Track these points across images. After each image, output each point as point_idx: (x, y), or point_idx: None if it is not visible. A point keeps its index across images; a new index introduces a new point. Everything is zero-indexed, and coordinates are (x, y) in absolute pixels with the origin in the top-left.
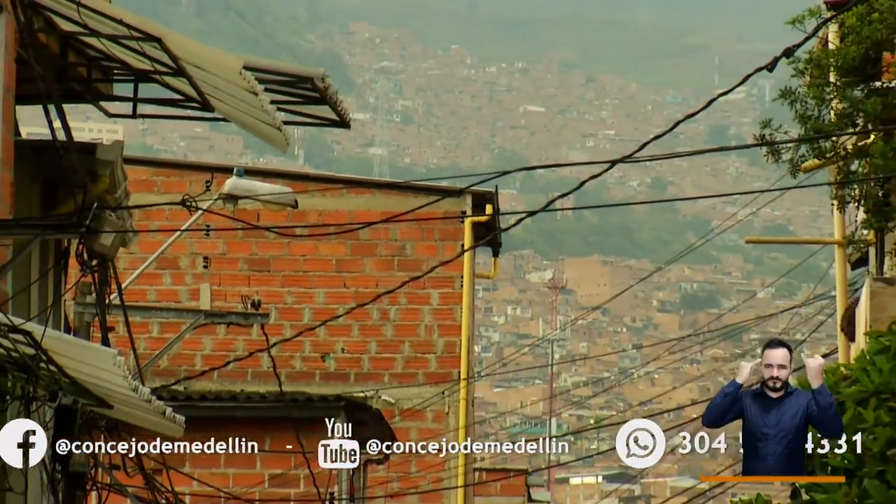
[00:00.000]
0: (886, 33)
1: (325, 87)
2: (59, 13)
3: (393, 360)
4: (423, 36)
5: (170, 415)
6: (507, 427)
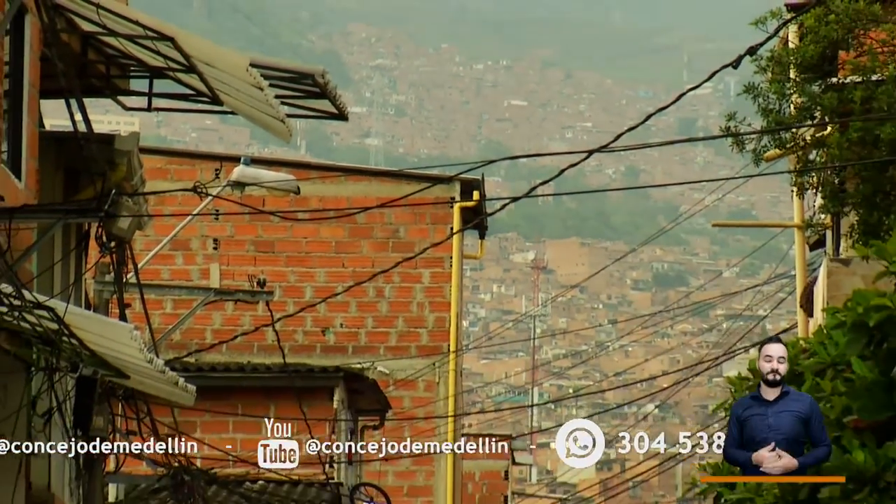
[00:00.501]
0: (842, 33)
1: (324, 82)
2: (80, 14)
3: (387, 334)
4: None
5: (182, 384)
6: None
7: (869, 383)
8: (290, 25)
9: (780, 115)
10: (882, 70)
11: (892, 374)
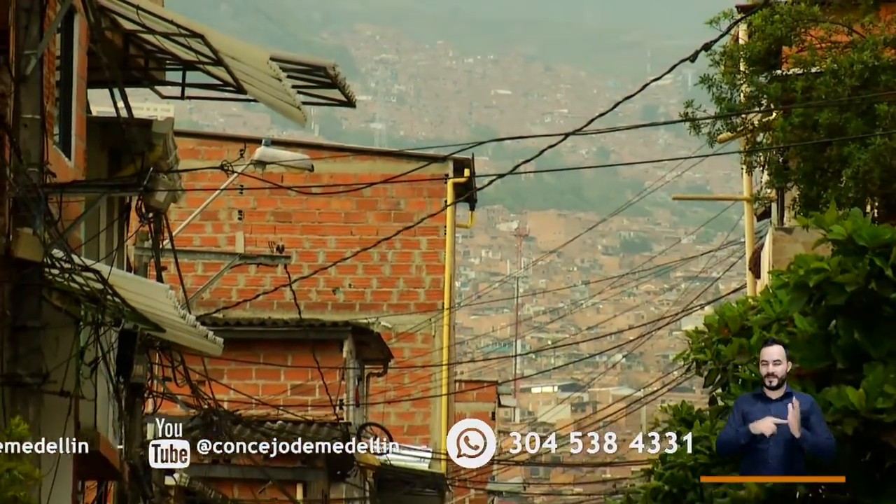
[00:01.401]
0: (785, 31)
1: (335, 74)
2: (122, 15)
3: (390, 293)
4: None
5: (211, 337)
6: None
7: (809, 336)
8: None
9: (731, 102)
10: (820, 63)
11: (829, 328)
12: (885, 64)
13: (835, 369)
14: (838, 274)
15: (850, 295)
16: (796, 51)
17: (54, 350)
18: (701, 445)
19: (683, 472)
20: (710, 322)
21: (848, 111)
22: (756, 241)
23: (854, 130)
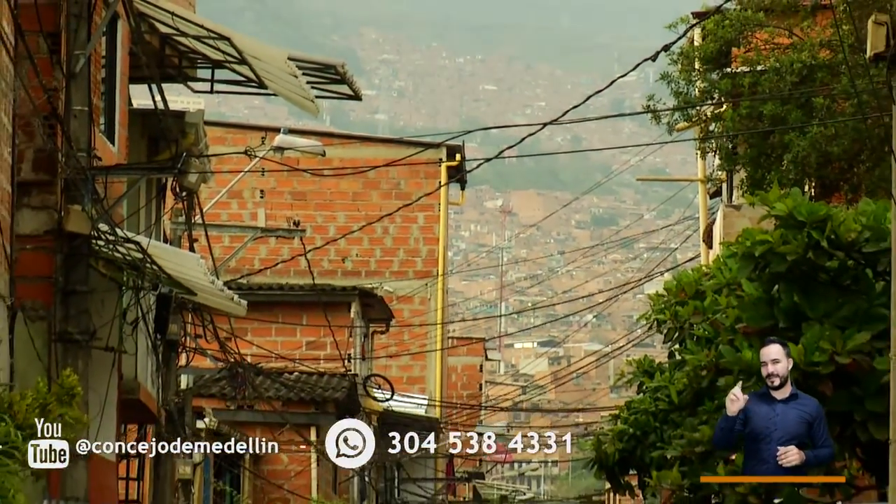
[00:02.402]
0: (734, 34)
1: (344, 72)
2: (159, 20)
3: (391, 261)
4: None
5: (236, 300)
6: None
7: (755, 299)
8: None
9: (687, 96)
10: (765, 62)
11: (772, 292)
12: (821, 63)
13: (777, 328)
14: (780, 245)
15: (791, 263)
16: (744, 51)
17: (100, 311)
18: (661, 394)
19: (645, 416)
20: (668, 287)
21: (789, 104)
22: (709, 216)
23: (794, 121)
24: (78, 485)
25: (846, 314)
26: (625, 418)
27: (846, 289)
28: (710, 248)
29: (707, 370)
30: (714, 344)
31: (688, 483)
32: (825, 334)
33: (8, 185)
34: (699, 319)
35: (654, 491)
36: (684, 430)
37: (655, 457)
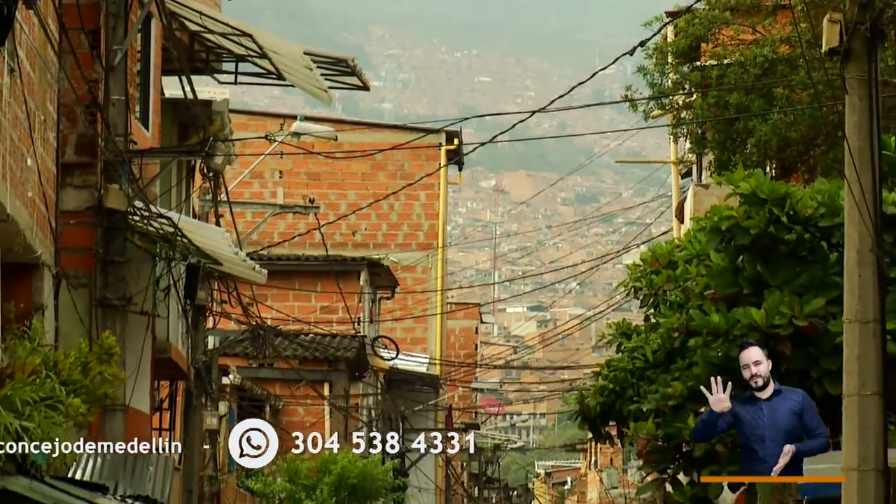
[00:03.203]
0: (703, 31)
1: (354, 65)
2: (188, 18)
3: (396, 235)
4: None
5: (257, 269)
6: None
7: (721, 268)
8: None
9: (661, 87)
10: (730, 56)
11: (737, 262)
12: (781, 57)
13: (741, 294)
14: (744, 220)
15: (754, 236)
16: (712, 47)
17: (136, 279)
18: (637, 353)
19: (624, 374)
20: (644, 258)
21: (752, 94)
22: (680, 194)
23: (757, 109)
24: (116, 435)
25: (803, 282)
26: (605, 375)
27: (803, 259)
28: (681, 222)
29: (679, 332)
30: (685, 308)
31: (661, 433)
32: (785, 300)
33: (53, 166)
34: (671, 287)
35: (632, 440)
36: (658, 385)
37: (632, 409)
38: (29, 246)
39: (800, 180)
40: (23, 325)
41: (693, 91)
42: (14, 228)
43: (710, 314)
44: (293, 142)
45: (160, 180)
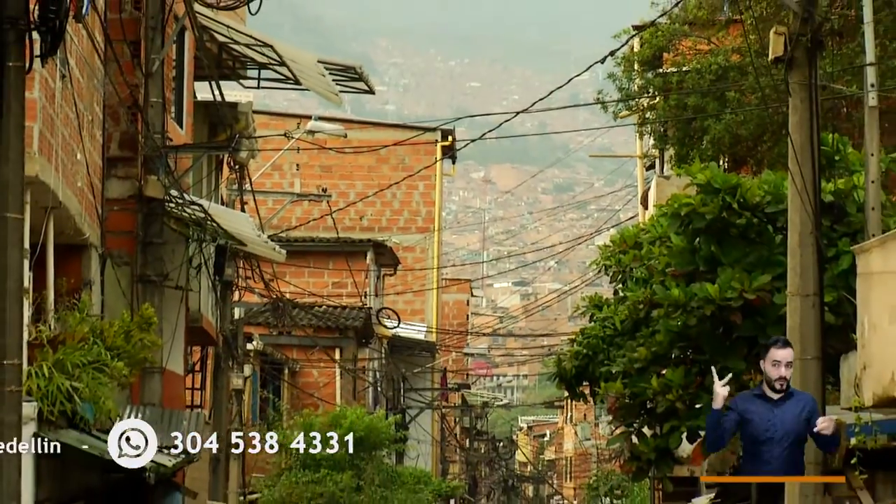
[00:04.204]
0: (665, 42)
1: (361, 72)
2: (217, 31)
3: (398, 219)
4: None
5: (277, 249)
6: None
7: (680, 249)
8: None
9: (628, 91)
10: (689, 64)
11: (694, 243)
12: (733, 65)
13: (698, 271)
14: (700, 207)
15: (709, 221)
16: (672, 56)
17: (171, 258)
18: (607, 323)
19: (596, 340)
20: (613, 240)
21: (707, 97)
22: (645, 185)
23: (711, 110)
24: (154, 394)
25: (752, 260)
26: (579, 342)
27: (752, 241)
28: (645, 209)
29: (643, 304)
30: (649, 284)
31: (628, 392)
32: (736, 276)
33: (99, 159)
34: (637, 265)
35: (602, 398)
36: (626, 350)
37: (603, 371)
38: (78, 229)
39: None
40: (73, 299)
41: (656, 94)
42: (65, 214)
43: (671, 289)
44: (308, 138)
45: (192, 172)
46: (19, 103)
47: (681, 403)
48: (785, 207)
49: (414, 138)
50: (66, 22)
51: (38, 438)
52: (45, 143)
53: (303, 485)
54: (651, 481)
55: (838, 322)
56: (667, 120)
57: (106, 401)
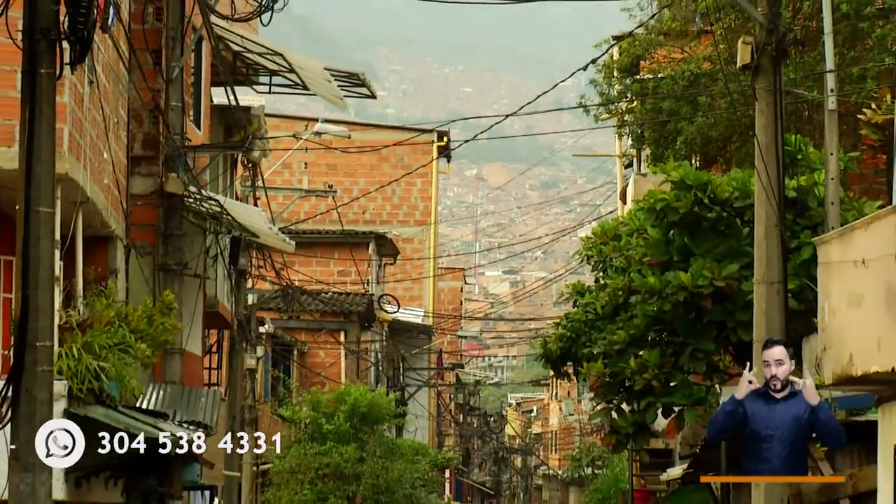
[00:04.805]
0: (642, 51)
1: (364, 78)
2: (232, 41)
3: (398, 213)
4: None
5: (287, 241)
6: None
7: (656, 240)
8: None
9: (608, 95)
10: (664, 71)
11: (668, 235)
12: (704, 72)
13: (672, 261)
14: (674, 202)
15: (682, 214)
16: (649, 64)
17: (190, 249)
18: (589, 308)
19: (578, 324)
20: (595, 232)
21: (681, 101)
22: (623, 181)
23: (684, 113)
24: (174, 373)
25: (721, 251)
26: (564, 325)
27: (721, 233)
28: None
29: (622, 291)
30: (627, 272)
31: (608, 371)
32: (706, 265)
33: (124, 158)
34: (616, 255)
35: (585, 377)
36: (606, 333)
37: (585, 352)
38: (105, 222)
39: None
40: (100, 286)
41: (634, 99)
42: (93, 208)
43: (647, 277)
44: (315, 139)
45: (209, 170)
46: (50, 107)
47: (656, 382)
48: (752, 202)
49: (412, 139)
50: (93, 32)
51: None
52: (75, 143)
53: (310, 456)
54: (629, 453)
55: (801, 307)
56: (643, 122)
57: (130, 379)
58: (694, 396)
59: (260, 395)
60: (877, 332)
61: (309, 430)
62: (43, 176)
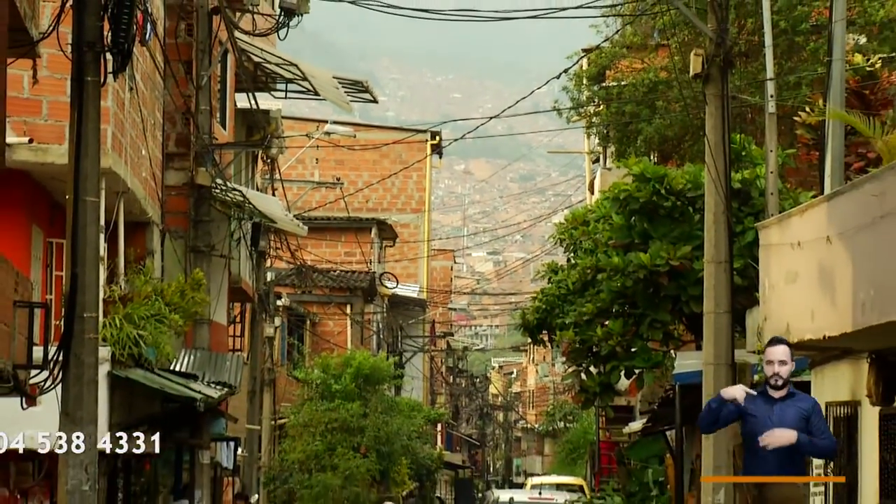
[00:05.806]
0: (608, 62)
1: (367, 86)
2: (253, 53)
3: (397, 202)
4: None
5: (301, 225)
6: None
7: (620, 225)
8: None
9: (578, 100)
10: (626, 79)
11: (630, 221)
12: (661, 80)
13: (634, 243)
14: (636, 192)
15: (642, 203)
16: (613, 73)
17: (217, 233)
18: (562, 284)
19: (553, 297)
20: (567, 218)
21: (641, 105)
22: (591, 174)
23: (644, 116)
24: (203, 340)
25: (676, 235)
26: (540, 299)
27: (676, 219)
28: (592, 194)
29: (590, 269)
30: (595, 253)
31: (578, 338)
32: (663, 247)
33: (160, 154)
34: (585, 238)
35: (558, 343)
36: (576, 306)
37: (559, 322)
38: (143, 210)
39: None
40: (139, 265)
41: (600, 103)
42: (133, 198)
43: (612, 257)
44: (325, 138)
45: (233, 164)
46: (96, 110)
47: (620, 348)
48: (702, 193)
49: (409, 138)
50: (133, 45)
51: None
52: (117, 141)
53: (321, 412)
54: (596, 409)
55: (744, 283)
56: (609, 123)
57: (165, 346)
58: (652, 360)
59: (277, 360)
60: (810, 304)
61: (319, 389)
62: (89, 170)
